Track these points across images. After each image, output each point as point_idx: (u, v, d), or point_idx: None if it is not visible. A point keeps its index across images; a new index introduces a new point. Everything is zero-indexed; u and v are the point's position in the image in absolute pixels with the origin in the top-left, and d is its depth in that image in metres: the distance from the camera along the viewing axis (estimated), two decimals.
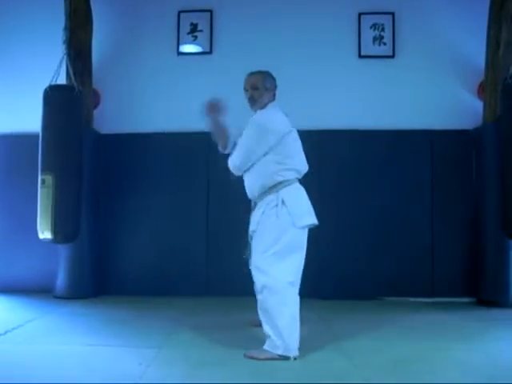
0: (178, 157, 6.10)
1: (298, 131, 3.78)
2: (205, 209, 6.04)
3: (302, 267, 3.61)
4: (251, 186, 3.71)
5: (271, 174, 3.56)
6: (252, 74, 3.82)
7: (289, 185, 3.61)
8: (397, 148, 5.99)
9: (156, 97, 6.24)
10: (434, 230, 5.92)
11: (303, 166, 3.77)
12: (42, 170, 5.07)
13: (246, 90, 3.79)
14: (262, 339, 3.46)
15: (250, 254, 3.67)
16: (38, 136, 5.26)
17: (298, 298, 3.48)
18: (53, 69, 5.35)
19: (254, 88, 3.74)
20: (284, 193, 3.56)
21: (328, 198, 5.86)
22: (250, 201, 3.80)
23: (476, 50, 5.83)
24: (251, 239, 3.66)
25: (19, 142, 6.08)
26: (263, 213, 3.58)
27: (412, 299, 5.79)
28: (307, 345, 3.60)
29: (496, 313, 5.14)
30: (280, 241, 3.48)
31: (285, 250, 3.48)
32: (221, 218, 5.90)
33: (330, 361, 3.40)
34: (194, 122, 6.03)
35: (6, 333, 4.04)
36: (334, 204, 5.90)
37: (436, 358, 3.47)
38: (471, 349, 3.72)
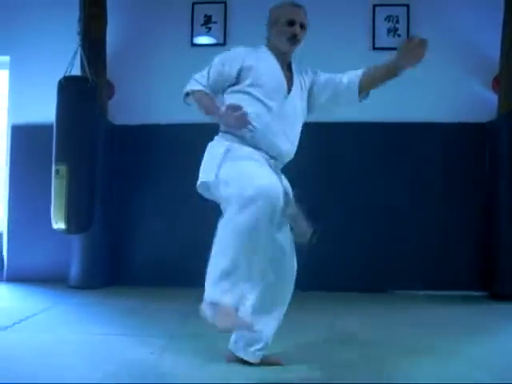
0: (192, 148, 6.01)
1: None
2: None
3: None
4: (294, 145, 3.06)
5: None
6: (302, 7, 3.00)
7: None
8: (409, 141, 5.97)
9: (170, 88, 6.20)
10: (446, 222, 5.90)
11: None
12: (56, 161, 5.10)
13: (291, 23, 2.91)
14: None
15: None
16: (52, 127, 5.30)
17: None
18: (67, 60, 5.37)
19: (303, 26, 2.96)
20: None
21: (338, 189, 5.88)
22: None
23: (491, 42, 5.77)
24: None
25: (34, 132, 6.15)
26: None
27: (422, 292, 5.77)
28: (315, 336, 3.63)
29: (509, 307, 5.10)
30: None
31: None
32: None
33: (339, 352, 3.42)
34: None
35: (20, 321, 4.10)
36: (343, 195, 5.91)
37: (446, 352, 3.47)
38: (482, 343, 3.71)
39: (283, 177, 2.95)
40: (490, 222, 5.70)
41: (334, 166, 5.88)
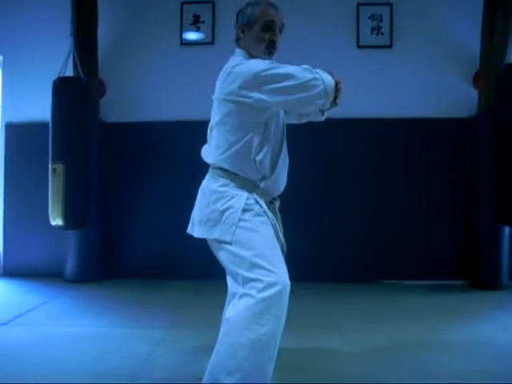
0: (184, 145, 6.23)
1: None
2: None
3: None
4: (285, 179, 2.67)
5: None
6: (279, 9, 2.60)
7: None
8: (393, 136, 6.14)
9: (160, 86, 6.38)
10: (429, 215, 6.10)
11: None
12: (53, 160, 5.25)
13: (268, 27, 2.53)
14: None
15: None
16: (45, 125, 5.46)
17: None
18: (59, 59, 5.51)
19: (281, 30, 2.59)
20: None
21: (327, 184, 6.06)
22: None
23: (472, 39, 5.91)
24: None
25: (28, 130, 6.26)
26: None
27: (407, 282, 5.98)
28: (305, 326, 3.81)
29: (488, 295, 5.34)
30: None
31: None
32: None
33: (327, 340, 3.62)
34: (197, 110, 6.24)
35: (21, 315, 4.27)
36: (332, 190, 6.09)
37: (426, 339, 3.69)
38: (460, 330, 3.94)
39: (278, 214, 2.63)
40: (470, 215, 5.92)
41: (322, 162, 6.07)
